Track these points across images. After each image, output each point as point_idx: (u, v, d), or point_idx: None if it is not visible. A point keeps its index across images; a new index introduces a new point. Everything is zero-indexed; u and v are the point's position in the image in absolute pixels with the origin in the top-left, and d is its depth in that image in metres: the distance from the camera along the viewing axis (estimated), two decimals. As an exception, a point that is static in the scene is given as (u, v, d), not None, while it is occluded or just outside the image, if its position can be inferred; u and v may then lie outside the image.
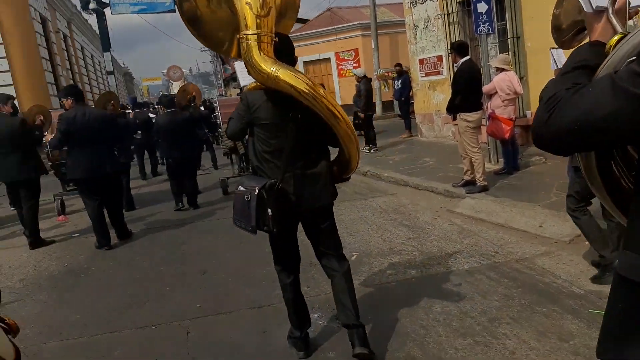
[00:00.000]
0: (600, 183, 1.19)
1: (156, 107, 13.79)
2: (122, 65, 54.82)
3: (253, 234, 2.74)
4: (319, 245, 2.91)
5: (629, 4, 1.14)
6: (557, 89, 1.06)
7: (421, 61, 10.68)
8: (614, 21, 1.13)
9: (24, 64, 15.00)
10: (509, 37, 8.30)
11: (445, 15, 9.56)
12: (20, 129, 5.74)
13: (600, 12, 1.16)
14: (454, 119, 5.94)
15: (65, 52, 21.11)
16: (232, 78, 43.21)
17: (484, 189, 5.86)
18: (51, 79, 17.08)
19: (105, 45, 17.14)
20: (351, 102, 16.03)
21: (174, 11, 16.09)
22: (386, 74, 17.26)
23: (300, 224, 2.90)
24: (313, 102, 2.57)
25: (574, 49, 1.19)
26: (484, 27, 6.39)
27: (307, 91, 2.54)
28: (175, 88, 39.22)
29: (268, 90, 2.66)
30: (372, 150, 10.23)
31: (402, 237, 4.90)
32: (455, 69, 6.15)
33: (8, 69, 15.03)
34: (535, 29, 7.46)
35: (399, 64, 12.38)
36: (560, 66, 4.79)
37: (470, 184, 6.03)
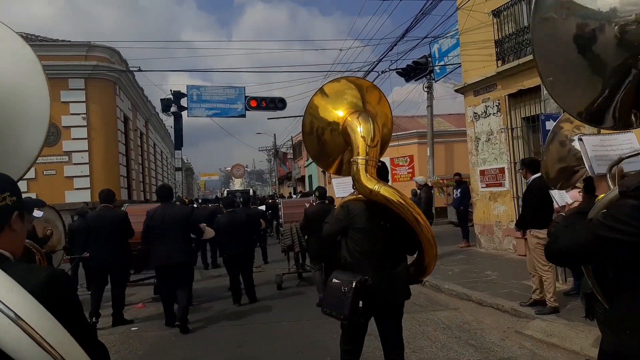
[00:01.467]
0: (594, 278, 1.78)
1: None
2: (185, 161, 58.42)
3: (343, 322, 3.23)
4: (389, 340, 3.36)
5: (622, 170, 1.71)
6: (559, 225, 1.77)
7: (482, 172, 10.73)
8: (610, 183, 1.74)
9: (103, 158, 16.36)
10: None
11: (509, 130, 9.74)
12: (122, 222, 6.40)
13: (601, 176, 1.82)
14: (524, 234, 5.79)
15: (139, 148, 22.92)
16: (287, 177, 45.02)
17: (555, 310, 5.50)
18: (124, 172, 18.39)
19: (178, 144, 18.49)
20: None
21: (244, 116, 17.34)
22: (440, 181, 17.39)
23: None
24: (402, 210, 3.17)
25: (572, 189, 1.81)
26: None
27: (399, 202, 3.17)
28: (237, 184, 41.39)
29: (367, 201, 3.29)
30: (429, 259, 9.99)
31: (469, 358, 4.60)
32: (526, 184, 6.12)
33: (88, 161, 16.41)
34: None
35: (457, 174, 12.47)
36: (561, 204, 4.79)
37: (539, 304, 5.70)
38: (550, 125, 6.61)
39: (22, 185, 15.16)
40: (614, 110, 1.62)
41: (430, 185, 10.97)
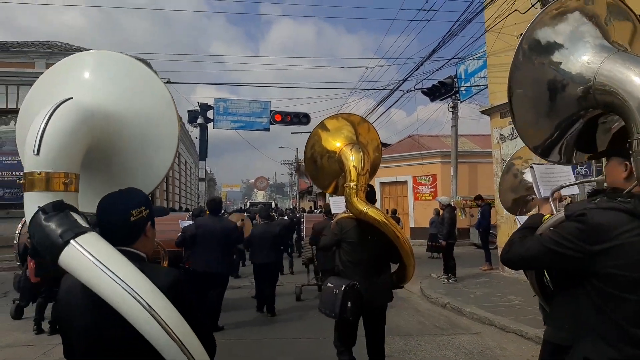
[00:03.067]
0: (537, 286, 2.28)
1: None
2: (208, 172, 59.21)
3: (335, 319, 3.89)
4: (372, 337, 4.00)
5: (561, 194, 2.26)
6: (514, 236, 2.06)
7: (507, 194, 10.58)
8: (552, 206, 2.26)
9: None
10: (603, 179, 8.11)
11: (535, 153, 9.60)
12: (233, 231, 6.68)
13: (546, 198, 2.32)
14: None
15: (164, 157, 23.24)
16: (308, 192, 45.15)
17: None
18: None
19: (203, 155, 18.74)
20: (426, 225, 16.09)
21: (268, 130, 17.54)
22: (463, 201, 17.19)
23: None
24: (385, 228, 3.83)
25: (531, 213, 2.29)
26: (581, 169, 6.35)
27: (383, 222, 3.84)
28: (259, 196, 42.00)
29: (357, 220, 3.97)
30: (450, 280, 9.85)
31: (492, 385, 4.50)
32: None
33: (115, 169, 16.75)
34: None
35: (479, 196, 12.31)
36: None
37: (565, 333, 5.54)
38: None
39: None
40: (560, 148, 2.05)
41: (453, 205, 10.85)
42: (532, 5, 8.19)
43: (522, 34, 1.94)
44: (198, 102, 17.90)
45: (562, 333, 1.90)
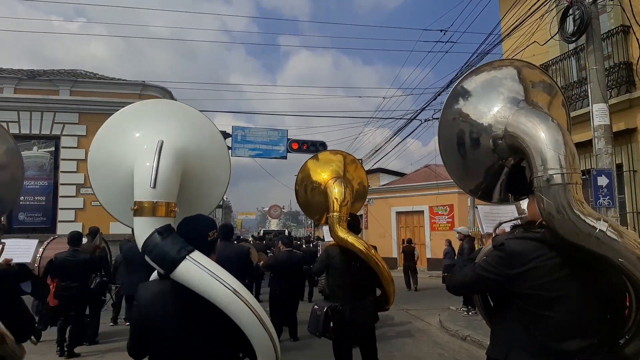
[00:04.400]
0: (482, 308, 2.49)
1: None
2: (225, 200, 59.64)
3: (319, 338, 4.28)
4: (365, 355, 4.30)
5: (504, 230, 2.34)
6: (457, 267, 2.37)
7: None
8: (490, 240, 2.36)
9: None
10: (627, 211, 7.97)
11: (556, 184, 9.49)
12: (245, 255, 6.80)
13: (489, 234, 2.49)
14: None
15: (181, 184, 23.51)
16: (318, 222, 44.72)
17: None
18: (166, 207, 18.84)
19: (220, 182, 18.88)
20: (441, 256, 15.81)
21: (285, 158, 17.66)
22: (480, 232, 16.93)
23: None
24: (365, 255, 4.18)
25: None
26: (604, 200, 6.24)
27: (363, 250, 4.18)
28: (273, 225, 42.14)
29: (341, 247, 4.35)
30: (470, 313, 9.63)
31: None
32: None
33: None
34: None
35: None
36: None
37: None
38: (602, 181, 6.44)
39: (70, 215, 15.77)
40: (498, 191, 2.35)
41: (473, 237, 10.71)
42: (552, 37, 8.24)
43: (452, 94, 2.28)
44: (216, 130, 18.17)
45: (497, 349, 2.12)
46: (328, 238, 5.73)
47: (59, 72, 17.85)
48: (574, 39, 7.25)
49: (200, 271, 1.90)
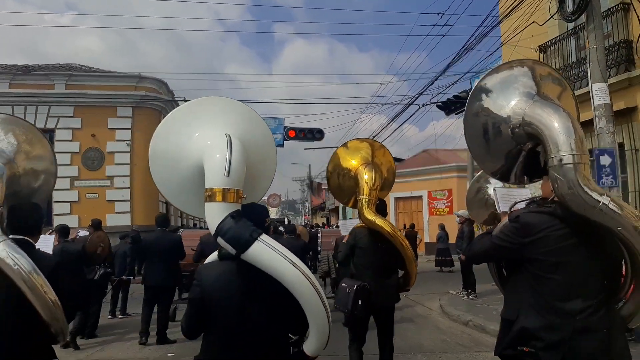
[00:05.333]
0: (496, 274, 2.90)
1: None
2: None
3: (347, 314, 4.37)
4: (382, 333, 4.52)
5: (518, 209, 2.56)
6: (475, 239, 2.74)
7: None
8: (506, 218, 2.59)
9: (144, 183, 16.54)
10: (630, 190, 7.92)
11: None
12: (177, 245, 6.89)
13: (505, 212, 2.70)
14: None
15: (179, 174, 23.39)
16: (320, 208, 45.04)
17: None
18: (162, 199, 18.77)
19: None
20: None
21: (282, 146, 17.55)
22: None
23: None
24: (392, 236, 4.40)
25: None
26: (607, 179, 6.18)
27: (389, 231, 4.41)
28: (272, 213, 42.45)
29: (369, 229, 4.52)
30: (470, 297, 9.63)
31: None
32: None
33: (129, 186, 16.87)
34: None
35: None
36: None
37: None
38: (605, 160, 6.37)
39: (65, 208, 15.66)
40: (515, 173, 2.65)
41: (473, 220, 10.68)
42: (552, 16, 8.11)
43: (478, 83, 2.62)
44: (212, 120, 18.02)
45: (509, 310, 2.42)
46: (344, 232, 5.93)
47: (54, 67, 17.64)
48: (573, 17, 7.13)
49: (270, 251, 2.11)
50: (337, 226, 12.81)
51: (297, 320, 2.23)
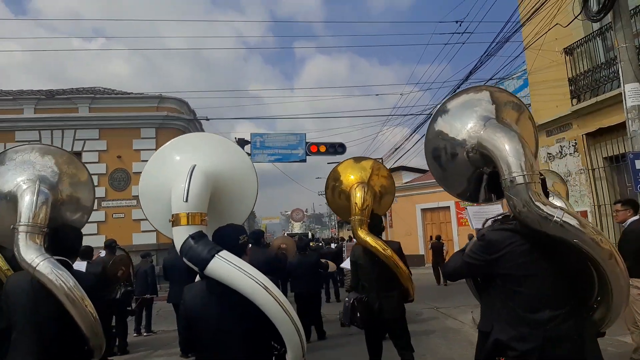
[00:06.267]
0: (473, 287, 2.81)
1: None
2: (247, 206, 59.85)
3: (347, 327, 4.91)
4: (398, 343, 4.65)
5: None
6: (452, 256, 2.76)
7: (561, 215, 10.03)
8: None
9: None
10: (668, 195, 7.51)
11: (590, 171, 9.10)
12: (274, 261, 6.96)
13: (478, 229, 2.88)
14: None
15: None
16: (347, 221, 44.56)
17: (661, 373, 4.84)
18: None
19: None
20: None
21: (304, 161, 17.54)
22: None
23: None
24: (384, 257, 4.58)
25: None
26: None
27: (380, 250, 4.58)
28: (296, 228, 42.57)
29: (363, 247, 4.74)
30: (504, 310, 9.28)
31: None
32: (621, 228, 5.50)
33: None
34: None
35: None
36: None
37: (642, 366, 5.02)
38: (639, 164, 6.05)
39: (93, 228, 15.93)
40: (483, 192, 2.66)
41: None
42: (575, 17, 7.86)
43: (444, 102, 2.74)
44: (235, 138, 18.15)
45: (485, 322, 2.47)
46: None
47: (78, 90, 18.11)
48: (599, 17, 6.89)
49: (227, 266, 2.24)
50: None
51: (273, 331, 2.31)
